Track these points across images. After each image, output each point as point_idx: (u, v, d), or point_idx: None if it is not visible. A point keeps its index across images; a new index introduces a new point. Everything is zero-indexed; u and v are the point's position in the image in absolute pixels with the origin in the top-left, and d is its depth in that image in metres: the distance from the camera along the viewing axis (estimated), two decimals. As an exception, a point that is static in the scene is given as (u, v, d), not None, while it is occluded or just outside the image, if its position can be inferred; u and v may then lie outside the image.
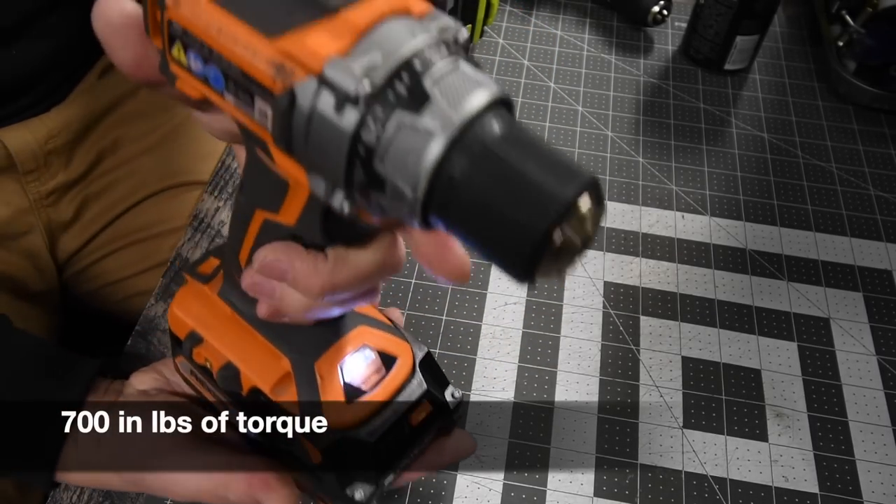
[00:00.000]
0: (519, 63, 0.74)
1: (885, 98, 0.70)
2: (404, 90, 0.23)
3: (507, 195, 0.22)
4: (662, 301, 0.55)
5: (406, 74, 0.23)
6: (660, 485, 0.46)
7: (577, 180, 0.22)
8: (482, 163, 0.22)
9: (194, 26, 0.26)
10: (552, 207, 0.22)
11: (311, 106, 0.23)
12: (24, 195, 0.62)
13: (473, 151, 0.22)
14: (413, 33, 0.23)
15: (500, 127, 0.23)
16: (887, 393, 0.51)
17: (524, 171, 0.22)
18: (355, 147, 0.23)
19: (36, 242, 0.65)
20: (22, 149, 0.60)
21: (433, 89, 0.23)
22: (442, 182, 0.23)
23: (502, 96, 0.24)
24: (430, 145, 0.22)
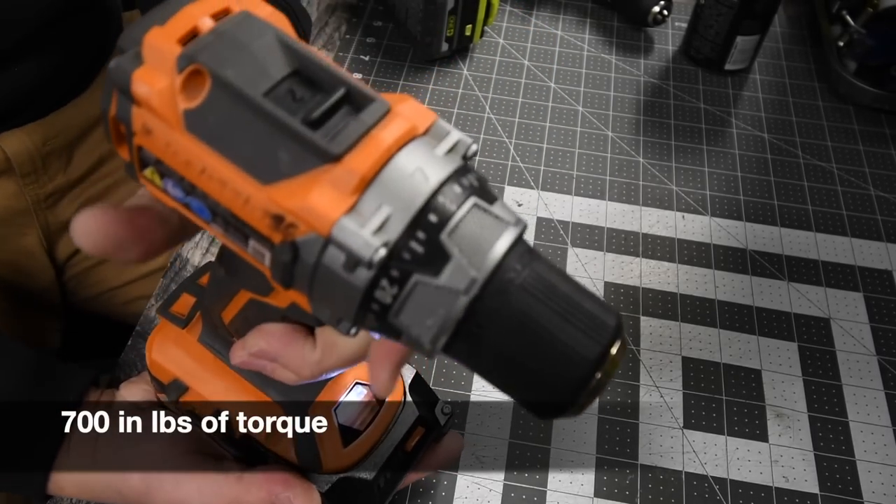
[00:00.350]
0: (519, 63, 0.74)
1: (885, 98, 0.70)
2: (421, 248, 0.21)
3: (534, 354, 0.22)
4: (662, 301, 0.55)
5: (422, 232, 0.21)
6: (660, 485, 0.46)
7: (606, 332, 0.21)
8: (507, 321, 0.21)
9: (172, 160, 0.23)
10: (583, 368, 0.21)
11: (316, 260, 0.22)
12: (22, 197, 0.62)
13: (497, 308, 0.21)
14: (424, 174, 0.21)
15: (523, 274, 0.22)
16: (887, 393, 0.51)
17: (551, 328, 0.21)
18: (367, 302, 0.22)
19: (32, 243, 0.65)
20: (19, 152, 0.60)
21: (452, 246, 0.21)
22: (463, 335, 0.22)
23: (521, 232, 0.22)
24: (452, 306, 0.21)
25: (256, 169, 0.22)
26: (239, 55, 0.22)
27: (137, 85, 0.23)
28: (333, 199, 0.21)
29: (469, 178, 0.22)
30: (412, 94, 0.69)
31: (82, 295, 0.72)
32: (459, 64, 0.73)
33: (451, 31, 0.69)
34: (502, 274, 0.21)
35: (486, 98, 0.70)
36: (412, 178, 0.21)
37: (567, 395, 0.22)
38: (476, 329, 0.22)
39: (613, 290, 0.56)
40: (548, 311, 0.21)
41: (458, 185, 0.22)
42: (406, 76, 0.71)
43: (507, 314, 0.21)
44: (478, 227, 0.21)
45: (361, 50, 0.74)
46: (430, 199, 0.21)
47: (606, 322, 0.22)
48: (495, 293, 0.21)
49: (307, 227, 0.21)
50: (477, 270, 0.21)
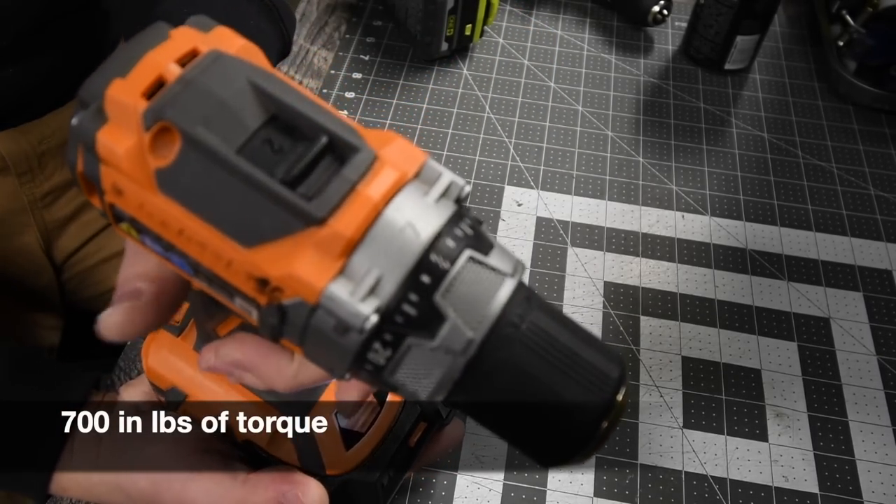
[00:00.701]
0: (519, 63, 0.74)
1: (885, 98, 0.70)
2: (414, 311, 0.20)
3: (535, 410, 0.21)
4: (662, 301, 0.55)
5: (414, 294, 0.20)
6: (660, 485, 0.46)
7: (609, 385, 0.21)
8: (506, 378, 0.21)
9: (147, 220, 0.22)
10: (586, 423, 0.21)
11: (305, 322, 0.21)
12: (18, 196, 0.62)
13: (496, 365, 0.21)
14: (415, 229, 0.20)
15: (521, 328, 0.21)
16: (887, 393, 0.51)
17: (552, 384, 0.21)
18: (360, 362, 0.21)
19: (30, 242, 0.65)
20: (15, 151, 0.60)
21: (447, 306, 0.20)
22: (461, 391, 0.21)
23: (518, 281, 0.21)
24: (449, 367, 0.21)
25: (237, 231, 0.21)
26: (209, 107, 0.21)
27: (103, 145, 0.21)
28: (319, 265, 0.20)
29: (463, 225, 0.21)
30: (412, 94, 0.70)
31: (83, 295, 0.72)
32: (459, 63, 0.73)
33: (450, 31, 0.69)
34: (500, 329, 0.21)
35: (485, 98, 0.70)
36: (403, 235, 0.20)
37: (570, 449, 0.21)
38: (474, 386, 0.21)
39: (613, 290, 0.56)
40: (548, 366, 0.21)
41: (452, 237, 0.21)
42: (406, 76, 0.71)
43: (507, 371, 0.21)
44: (473, 283, 0.21)
45: (361, 50, 0.74)
46: (422, 257, 0.20)
47: (609, 374, 0.21)
48: (493, 350, 0.21)
49: (293, 292, 0.20)
50: (474, 331, 0.20)
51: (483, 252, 0.21)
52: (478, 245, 0.21)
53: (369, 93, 0.69)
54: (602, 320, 0.54)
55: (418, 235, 0.20)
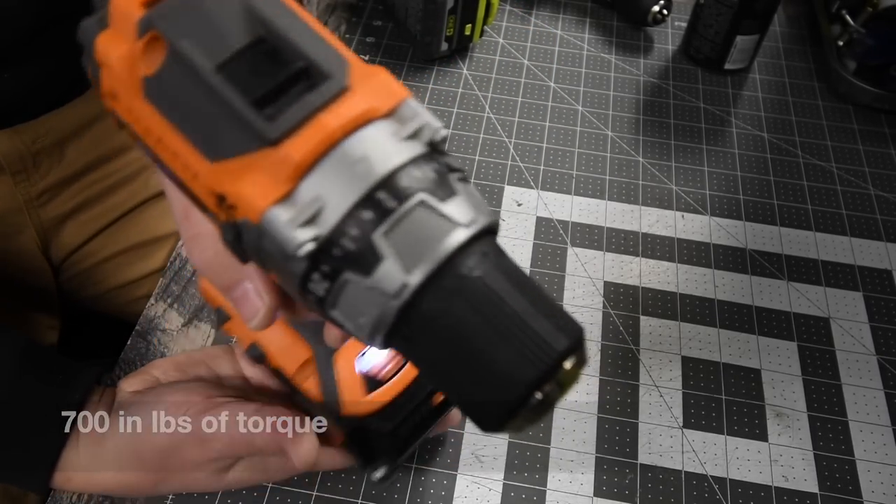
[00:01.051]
0: (519, 63, 0.74)
1: (885, 98, 0.70)
2: (353, 245, 0.20)
3: (466, 371, 0.20)
4: (662, 301, 0.55)
5: (356, 228, 0.20)
6: (660, 485, 0.46)
7: (547, 355, 0.20)
8: (440, 332, 0.20)
9: (135, 126, 0.23)
10: (514, 391, 0.20)
11: (256, 244, 0.21)
12: (13, 196, 0.62)
13: (432, 317, 0.20)
14: (369, 163, 0.20)
15: (468, 283, 0.20)
16: (887, 393, 0.51)
17: (485, 346, 0.20)
18: (305, 291, 0.21)
19: (27, 242, 0.65)
20: (9, 151, 0.60)
21: (386, 246, 0.20)
22: (399, 337, 0.21)
23: (480, 230, 0.21)
24: (383, 308, 0.20)
25: (204, 144, 0.21)
26: (199, 22, 0.21)
27: (100, 49, 0.22)
28: (266, 186, 0.20)
29: (426, 168, 0.21)
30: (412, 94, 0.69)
31: (82, 295, 0.72)
32: (459, 63, 0.73)
33: (450, 31, 0.69)
34: (442, 279, 0.20)
35: (485, 97, 0.70)
36: (355, 167, 0.20)
37: (498, 416, 0.21)
38: (410, 334, 0.21)
39: (613, 290, 0.56)
40: (487, 326, 0.20)
41: (408, 177, 0.20)
42: (406, 76, 0.71)
43: (442, 323, 0.20)
44: (419, 227, 0.20)
45: (361, 49, 0.74)
46: (369, 192, 0.20)
47: (552, 344, 0.20)
48: (432, 299, 0.20)
49: (243, 212, 0.21)
50: (409, 275, 0.20)
51: (440, 198, 0.20)
52: (436, 190, 0.20)
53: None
54: (602, 320, 0.54)
55: (370, 170, 0.20)
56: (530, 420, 0.21)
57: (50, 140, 0.63)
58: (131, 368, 0.51)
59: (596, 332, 0.53)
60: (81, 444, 0.38)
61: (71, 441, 0.38)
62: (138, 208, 0.70)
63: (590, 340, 0.53)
